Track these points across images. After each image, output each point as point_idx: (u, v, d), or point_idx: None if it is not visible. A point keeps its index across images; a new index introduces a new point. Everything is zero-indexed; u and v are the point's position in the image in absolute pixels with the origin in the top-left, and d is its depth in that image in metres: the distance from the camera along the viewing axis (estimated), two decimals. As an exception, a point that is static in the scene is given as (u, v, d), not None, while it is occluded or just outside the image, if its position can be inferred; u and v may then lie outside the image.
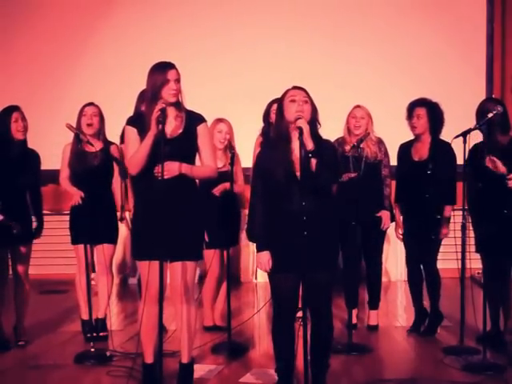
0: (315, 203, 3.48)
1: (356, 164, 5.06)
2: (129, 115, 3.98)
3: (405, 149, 5.18)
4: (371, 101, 5.61)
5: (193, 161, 3.81)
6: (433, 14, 7.66)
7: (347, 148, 5.07)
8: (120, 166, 4.94)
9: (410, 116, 5.07)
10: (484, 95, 7.29)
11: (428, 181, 4.97)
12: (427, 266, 5.12)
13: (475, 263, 4.81)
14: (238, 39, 7.65)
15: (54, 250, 7.26)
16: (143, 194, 3.79)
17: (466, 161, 4.44)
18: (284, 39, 7.62)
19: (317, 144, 3.47)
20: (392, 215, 5.22)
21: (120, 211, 5.10)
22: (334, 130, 4.94)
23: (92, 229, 4.70)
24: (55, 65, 7.79)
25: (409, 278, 5.31)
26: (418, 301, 5.24)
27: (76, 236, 4.99)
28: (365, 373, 4.32)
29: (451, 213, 5.05)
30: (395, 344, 5.01)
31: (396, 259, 7.49)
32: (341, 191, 4.50)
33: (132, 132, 3.75)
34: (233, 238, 5.19)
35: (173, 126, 3.74)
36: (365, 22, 7.67)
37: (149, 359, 3.88)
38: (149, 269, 3.63)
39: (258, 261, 3.60)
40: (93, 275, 4.98)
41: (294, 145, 3.53)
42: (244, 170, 5.37)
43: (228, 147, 5.12)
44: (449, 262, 5.02)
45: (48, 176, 5.57)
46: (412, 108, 5.07)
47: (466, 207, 4.53)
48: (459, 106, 6.17)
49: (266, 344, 4.70)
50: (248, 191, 3.83)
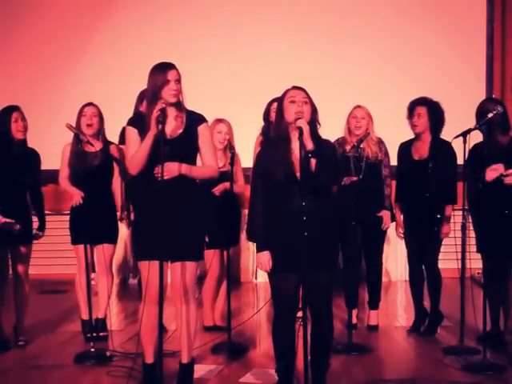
0: (315, 203, 3.48)
1: (357, 164, 5.06)
2: (129, 115, 4.00)
3: (405, 148, 5.18)
4: (371, 100, 5.62)
5: (193, 161, 3.81)
6: (433, 14, 7.67)
7: (348, 148, 5.07)
8: (120, 166, 4.95)
9: (411, 115, 5.07)
10: (484, 95, 7.29)
11: (428, 180, 4.96)
12: (429, 267, 5.12)
13: (475, 263, 4.82)
14: (238, 39, 7.65)
15: (54, 250, 7.25)
16: (143, 195, 3.78)
17: (466, 161, 4.44)
18: (284, 39, 7.62)
19: (317, 144, 3.47)
20: (392, 215, 5.22)
21: (120, 211, 5.11)
22: (334, 130, 4.93)
23: (92, 229, 4.70)
24: (55, 65, 7.79)
25: (410, 278, 5.29)
26: (419, 301, 5.23)
27: (76, 236, 4.99)
28: (365, 373, 4.32)
29: (451, 212, 5.06)
30: (395, 344, 5.01)
31: (396, 259, 7.49)
32: (341, 191, 4.50)
33: (133, 132, 3.75)
34: (233, 238, 5.20)
35: (173, 126, 3.74)
36: (365, 22, 7.68)
37: (149, 359, 3.88)
38: (149, 269, 3.64)
39: (258, 261, 3.59)
40: (93, 275, 4.98)
41: (294, 145, 3.53)
42: (244, 170, 5.37)
43: (228, 147, 5.12)
44: (449, 262, 5.01)
45: (48, 176, 5.56)
46: (413, 107, 5.07)
47: (466, 207, 4.53)
48: (459, 106, 6.16)
49: (266, 344, 4.70)
50: (248, 191, 3.82)
